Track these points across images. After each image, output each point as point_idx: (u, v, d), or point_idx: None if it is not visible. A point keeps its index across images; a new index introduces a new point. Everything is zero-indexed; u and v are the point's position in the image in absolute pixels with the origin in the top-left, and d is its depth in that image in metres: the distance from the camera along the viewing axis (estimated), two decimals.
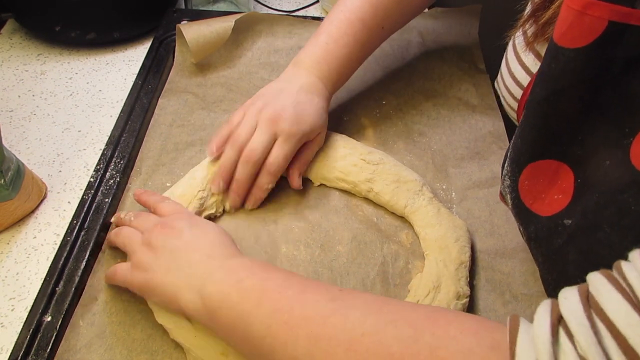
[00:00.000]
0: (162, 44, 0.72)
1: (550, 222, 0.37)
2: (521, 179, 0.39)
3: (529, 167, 0.38)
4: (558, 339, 0.25)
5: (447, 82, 0.70)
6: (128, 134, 0.60)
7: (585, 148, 0.35)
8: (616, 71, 0.33)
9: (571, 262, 0.35)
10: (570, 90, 0.34)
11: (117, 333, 0.44)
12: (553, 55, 0.34)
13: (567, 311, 0.26)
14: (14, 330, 0.45)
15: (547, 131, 0.37)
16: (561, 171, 0.37)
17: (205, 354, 0.41)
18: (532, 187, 0.39)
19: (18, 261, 0.51)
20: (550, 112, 0.36)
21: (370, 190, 0.54)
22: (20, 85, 0.70)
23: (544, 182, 0.38)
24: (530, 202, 0.39)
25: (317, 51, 0.57)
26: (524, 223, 0.40)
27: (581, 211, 0.35)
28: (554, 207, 0.37)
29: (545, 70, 0.35)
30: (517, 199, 0.40)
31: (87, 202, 0.52)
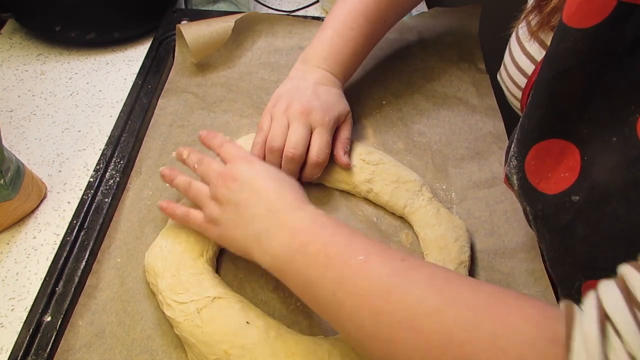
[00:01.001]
0: (162, 44, 0.72)
1: (557, 199, 0.38)
2: (527, 159, 0.40)
3: (536, 147, 0.39)
4: (607, 336, 0.26)
5: (447, 82, 0.70)
6: (128, 134, 0.60)
7: (591, 126, 0.36)
8: (623, 51, 0.33)
9: (579, 237, 0.36)
10: (578, 69, 0.35)
11: (117, 333, 0.44)
12: (562, 35, 0.35)
13: (612, 309, 0.26)
14: (13, 330, 0.45)
15: (554, 110, 0.38)
16: (567, 150, 0.38)
17: (209, 350, 0.41)
18: (539, 167, 0.40)
19: (18, 261, 0.51)
20: (557, 92, 0.37)
21: (369, 191, 0.54)
22: (20, 85, 0.70)
23: (550, 162, 0.39)
24: (537, 181, 0.40)
25: (324, 47, 0.59)
26: (531, 203, 0.41)
27: (589, 187, 0.35)
28: (560, 185, 0.38)
29: (554, 51, 0.36)
30: (524, 179, 0.41)
31: (87, 202, 0.52)
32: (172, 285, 0.44)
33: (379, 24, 0.61)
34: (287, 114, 0.53)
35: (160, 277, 0.45)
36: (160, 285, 0.45)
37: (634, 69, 0.33)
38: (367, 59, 0.73)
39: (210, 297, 0.43)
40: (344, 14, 0.60)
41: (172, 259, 0.46)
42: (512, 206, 0.55)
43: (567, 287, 0.40)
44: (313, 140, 0.53)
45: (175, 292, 0.44)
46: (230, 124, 0.63)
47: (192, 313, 0.43)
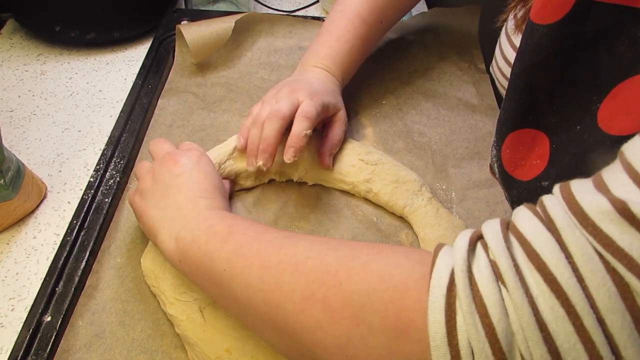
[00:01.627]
0: (162, 44, 0.72)
1: (530, 185, 0.40)
2: (503, 148, 0.42)
3: (510, 136, 0.41)
4: (475, 250, 0.28)
5: (447, 82, 0.70)
6: (128, 134, 0.60)
7: (559, 116, 0.38)
8: (584, 45, 0.35)
9: None
10: (544, 63, 0.37)
11: (117, 333, 0.44)
12: (529, 32, 0.37)
13: (486, 229, 0.29)
14: (13, 330, 0.45)
15: (525, 102, 0.39)
16: (538, 138, 0.40)
17: (210, 349, 0.41)
18: (513, 155, 0.41)
19: (18, 261, 0.51)
20: (526, 85, 0.39)
21: (369, 191, 0.54)
22: (20, 85, 0.70)
23: (523, 150, 0.41)
24: (512, 169, 0.42)
25: (321, 50, 0.60)
26: (508, 189, 0.43)
27: (556, 173, 0.38)
28: (533, 172, 0.40)
29: (523, 46, 0.38)
30: (501, 167, 0.43)
31: (87, 202, 0.52)
32: (175, 285, 0.45)
33: (375, 25, 0.62)
34: (277, 96, 0.54)
35: (161, 279, 0.45)
36: (162, 286, 0.45)
37: (594, 61, 0.35)
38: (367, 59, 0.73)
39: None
40: (339, 17, 0.60)
41: None
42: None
43: None
44: (301, 105, 0.52)
45: (179, 291, 0.44)
46: (230, 123, 0.63)
47: (195, 311, 0.43)
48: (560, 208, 0.26)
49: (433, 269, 0.28)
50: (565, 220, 0.25)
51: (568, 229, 0.25)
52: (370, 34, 0.61)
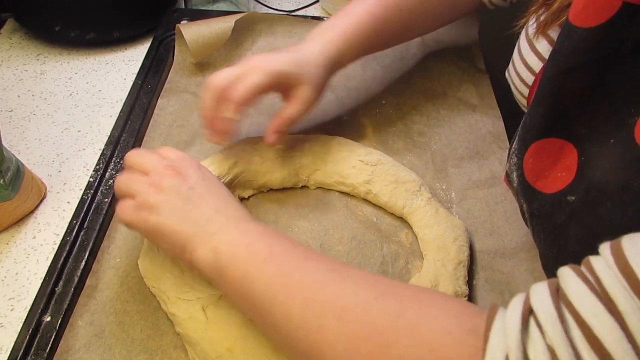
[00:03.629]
0: (162, 44, 0.72)
1: (554, 198, 0.38)
2: (526, 157, 0.40)
3: (535, 144, 0.40)
4: (528, 328, 0.26)
5: (447, 81, 0.70)
6: (128, 134, 0.60)
7: (590, 127, 0.36)
8: (626, 52, 0.34)
9: (572, 237, 0.37)
10: (580, 68, 0.35)
11: (116, 333, 0.44)
12: (566, 34, 0.35)
13: (536, 303, 0.27)
14: (13, 330, 0.45)
15: (555, 108, 0.38)
16: (565, 149, 0.38)
17: (212, 347, 0.41)
18: (537, 165, 0.40)
19: (17, 261, 0.51)
20: (559, 90, 0.37)
21: (368, 192, 0.54)
22: (19, 85, 0.70)
23: (548, 161, 0.39)
24: (534, 179, 0.40)
25: (324, 24, 0.56)
26: (528, 200, 0.41)
27: (584, 188, 0.36)
28: (557, 185, 0.38)
29: (558, 48, 0.36)
30: (522, 176, 0.41)
31: (87, 202, 0.52)
32: (177, 285, 0.45)
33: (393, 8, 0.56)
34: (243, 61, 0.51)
35: (161, 280, 0.45)
36: (162, 287, 0.45)
37: (636, 70, 0.33)
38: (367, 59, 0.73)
39: (216, 295, 0.44)
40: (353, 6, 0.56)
41: (171, 261, 0.46)
42: (512, 206, 0.55)
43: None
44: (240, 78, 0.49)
45: (182, 291, 0.44)
46: None
47: (198, 310, 0.43)
48: (614, 276, 0.24)
49: (486, 349, 0.26)
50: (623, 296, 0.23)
51: (631, 312, 0.23)
52: (387, 14, 0.56)
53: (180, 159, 0.44)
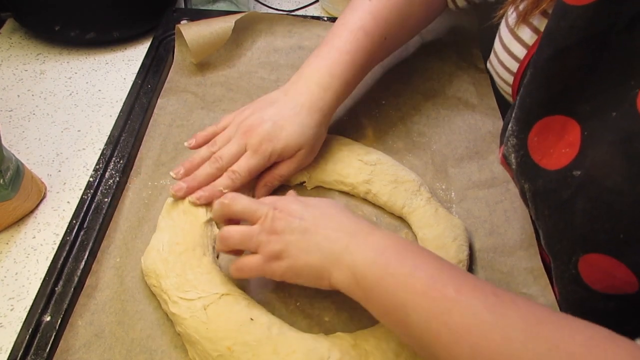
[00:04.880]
0: (162, 44, 0.72)
1: (559, 174, 0.39)
2: (530, 136, 0.41)
3: (538, 123, 0.40)
4: None
5: (447, 81, 0.70)
6: (127, 134, 0.60)
7: (592, 102, 0.37)
8: (622, 26, 0.34)
9: (579, 211, 0.37)
10: (578, 46, 0.36)
11: (116, 333, 0.44)
12: (561, 13, 0.36)
13: None
14: (13, 330, 0.45)
15: (555, 88, 0.38)
16: (568, 125, 0.39)
17: (213, 347, 0.41)
18: (541, 143, 0.40)
19: (17, 261, 0.51)
20: (558, 70, 0.37)
21: (368, 192, 0.54)
22: (19, 84, 0.70)
23: (552, 138, 0.40)
24: (539, 157, 0.40)
25: (319, 61, 0.56)
26: (531, 179, 0.41)
27: (590, 162, 0.36)
28: (561, 161, 0.39)
29: (553, 28, 0.37)
30: (526, 155, 0.41)
31: (87, 201, 0.52)
32: (179, 284, 0.44)
33: (379, 39, 0.57)
34: (240, 125, 0.52)
35: (163, 278, 0.45)
36: (164, 286, 0.45)
37: (632, 44, 0.34)
38: None
39: (218, 294, 0.44)
40: (341, 30, 0.57)
41: (173, 260, 0.46)
42: (511, 206, 0.55)
43: (563, 262, 0.41)
44: (239, 159, 0.51)
45: (183, 290, 0.44)
46: None
47: (199, 310, 0.43)
48: None
49: None
50: None
51: None
52: (373, 47, 0.57)
53: (277, 200, 0.45)
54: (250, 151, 0.51)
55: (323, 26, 0.76)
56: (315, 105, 0.53)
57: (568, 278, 0.41)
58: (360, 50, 0.56)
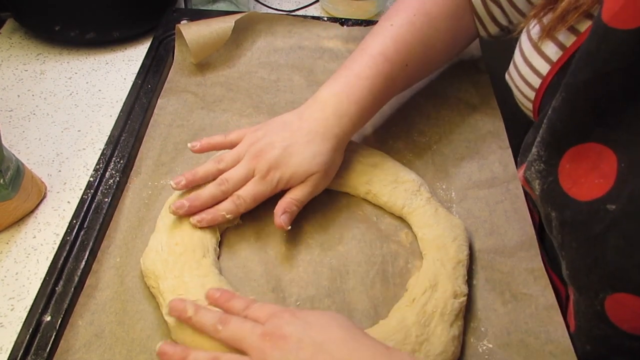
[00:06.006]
0: (162, 44, 0.72)
1: (591, 206, 0.37)
2: (562, 163, 0.39)
3: (571, 150, 0.38)
4: None
5: (447, 82, 0.70)
6: (128, 134, 0.60)
7: (631, 131, 0.35)
8: None
9: (611, 247, 0.35)
10: (620, 72, 0.34)
11: (116, 333, 0.44)
12: (601, 36, 0.34)
13: None
14: (13, 330, 0.45)
15: (591, 114, 0.36)
16: (604, 155, 0.37)
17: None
18: (573, 172, 0.38)
19: (18, 261, 0.51)
20: (595, 95, 0.36)
21: (368, 192, 0.54)
22: (19, 84, 0.70)
23: (585, 166, 0.38)
24: (569, 186, 0.39)
25: (336, 85, 0.53)
26: (558, 208, 0.40)
27: (628, 196, 0.35)
28: (593, 192, 0.37)
29: (593, 52, 0.35)
30: (555, 183, 0.40)
31: (87, 201, 0.52)
32: (174, 287, 0.44)
33: (399, 65, 0.54)
34: (250, 147, 0.51)
35: (161, 279, 0.45)
36: (161, 287, 0.45)
37: None
38: None
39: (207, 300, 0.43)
40: (361, 55, 0.54)
41: (173, 261, 0.46)
42: (512, 206, 0.55)
43: (588, 297, 0.40)
44: (246, 184, 0.50)
45: (177, 293, 0.44)
46: (230, 123, 0.63)
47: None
48: None
49: None
50: None
51: None
52: (393, 74, 0.54)
53: (273, 316, 0.39)
54: (258, 177, 0.50)
55: (323, 26, 0.76)
56: (329, 132, 0.51)
57: (592, 314, 0.40)
58: (380, 76, 0.53)
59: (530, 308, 0.47)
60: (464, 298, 0.46)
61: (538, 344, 0.45)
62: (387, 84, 0.54)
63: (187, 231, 0.48)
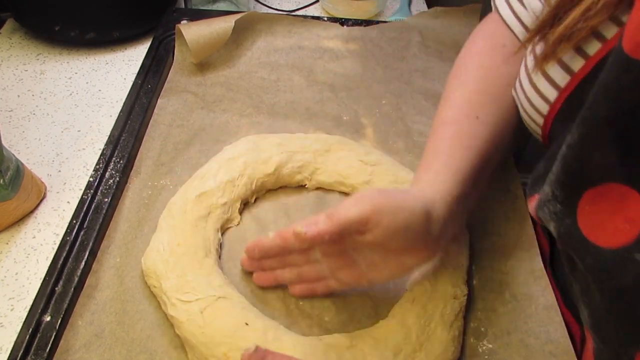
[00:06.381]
0: (162, 44, 0.72)
1: (616, 255, 0.34)
2: (580, 205, 0.36)
3: (591, 191, 0.35)
4: None
5: None
6: (127, 134, 0.60)
7: None
8: None
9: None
10: None
11: (116, 333, 0.44)
12: (623, 68, 0.31)
13: None
14: (13, 330, 0.45)
15: (614, 152, 0.33)
16: (628, 197, 0.33)
17: (209, 352, 0.41)
18: (593, 214, 0.35)
19: (17, 261, 0.51)
20: (619, 132, 0.32)
21: None
22: (19, 85, 0.70)
23: (607, 209, 0.34)
24: (589, 230, 0.35)
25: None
26: (579, 253, 0.37)
27: None
28: (618, 239, 0.34)
29: (613, 85, 0.32)
30: (573, 226, 0.36)
31: (87, 201, 0.52)
32: (178, 285, 0.44)
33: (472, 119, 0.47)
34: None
35: (163, 279, 0.45)
36: (164, 287, 0.45)
37: None
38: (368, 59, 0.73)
39: (215, 297, 0.43)
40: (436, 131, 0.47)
41: (174, 261, 0.46)
42: (512, 206, 0.55)
43: (613, 348, 0.37)
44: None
45: (182, 292, 0.44)
46: (230, 123, 0.63)
47: (195, 313, 0.43)
48: None
49: None
50: None
51: None
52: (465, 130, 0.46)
53: None
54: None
55: (323, 26, 0.76)
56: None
57: None
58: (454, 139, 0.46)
59: (530, 308, 0.47)
60: (464, 298, 0.46)
61: (538, 344, 0.45)
62: (463, 144, 0.46)
63: (189, 232, 0.48)
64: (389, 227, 0.38)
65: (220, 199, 0.51)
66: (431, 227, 0.40)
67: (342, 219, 0.37)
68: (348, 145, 0.57)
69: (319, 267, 0.45)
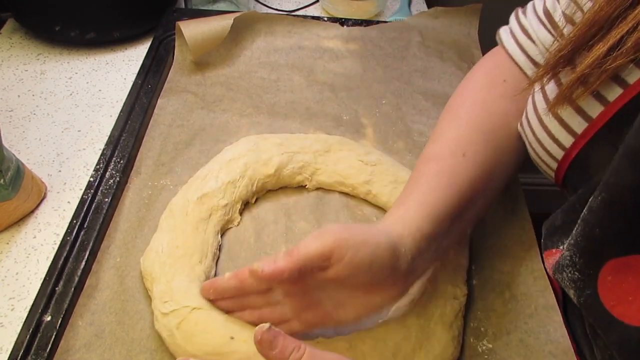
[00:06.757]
0: (162, 44, 0.72)
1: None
2: (602, 274, 0.33)
3: (614, 261, 0.33)
4: None
5: (447, 82, 0.70)
6: (128, 134, 0.60)
7: None
8: None
9: None
10: None
11: (116, 333, 0.44)
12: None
13: None
14: (13, 330, 0.46)
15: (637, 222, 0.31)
16: None
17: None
18: (617, 287, 0.33)
19: (18, 261, 0.51)
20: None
21: (368, 192, 0.54)
22: (20, 85, 0.70)
23: (633, 282, 0.32)
24: (613, 304, 0.33)
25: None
26: (602, 328, 0.35)
27: None
28: None
29: (634, 150, 0.30)
30: (594, 298, 0.34)
31: (87, 201, 0.52)
32: (163, 292, 0.44)
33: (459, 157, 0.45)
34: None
35: (156, 283, 0.45)
36: (154, 293, 0.44)
37: None
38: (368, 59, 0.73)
39: (189, 307, 0.42)
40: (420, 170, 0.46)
41: (170, 264, 0.46)
42: (512, 206, 0.55)
43: None
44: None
45: (162, 301, 0.43)
46: (230, 123, 0.63)
47: (173, 328, 0.41)
48: None
49: None
50: None
51: None
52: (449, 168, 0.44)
53: None
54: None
55: (323, 26, 0.76)
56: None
57: None
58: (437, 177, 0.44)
59: (530, 308, 0.47)
60: (464, 298, 0.46)
61: (538, 344, 0.45)
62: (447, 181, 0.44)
63: (190, 234, 0.48)
64: (353, 261, 0.35)
65: (221, 200, 0.51)
66: (398, 263, 0.38)
67: (302, 255, 0.35)
68: (348, 145, 0.57)
69: (280, 309, 0.41)
